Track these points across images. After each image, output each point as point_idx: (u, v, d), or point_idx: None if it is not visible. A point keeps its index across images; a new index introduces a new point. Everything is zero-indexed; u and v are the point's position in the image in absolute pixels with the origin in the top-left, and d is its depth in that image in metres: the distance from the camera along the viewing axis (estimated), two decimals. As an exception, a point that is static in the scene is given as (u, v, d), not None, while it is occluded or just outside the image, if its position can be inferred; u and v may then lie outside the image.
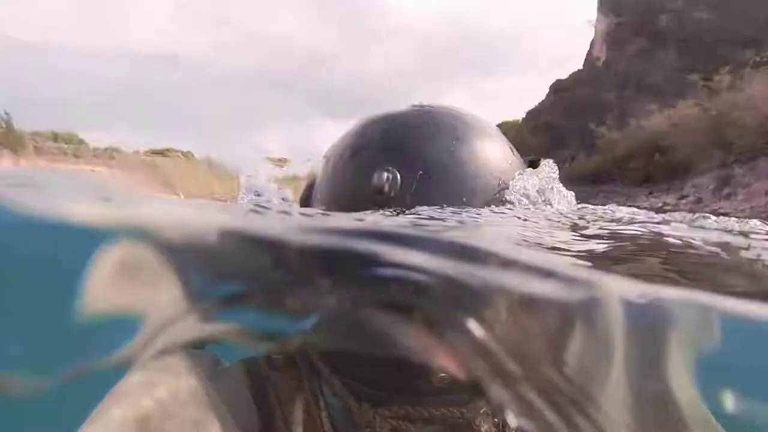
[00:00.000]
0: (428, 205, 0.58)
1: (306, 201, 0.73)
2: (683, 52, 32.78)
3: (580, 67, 42.74)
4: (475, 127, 0.67)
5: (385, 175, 0.56)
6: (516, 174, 0.66)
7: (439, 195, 0.59)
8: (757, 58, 20.23)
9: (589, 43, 42.92)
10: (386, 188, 0.56)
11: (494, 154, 0.66)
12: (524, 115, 43.11)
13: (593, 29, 41.83)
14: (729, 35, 30.01)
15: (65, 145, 38.41)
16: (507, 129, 43.20)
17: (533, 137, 38.36)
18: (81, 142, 46.05)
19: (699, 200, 16.78)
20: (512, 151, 0.69)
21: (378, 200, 0.58)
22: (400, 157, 0.60)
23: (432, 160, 0.60)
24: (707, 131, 19.24)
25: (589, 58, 41.78)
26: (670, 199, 18.27)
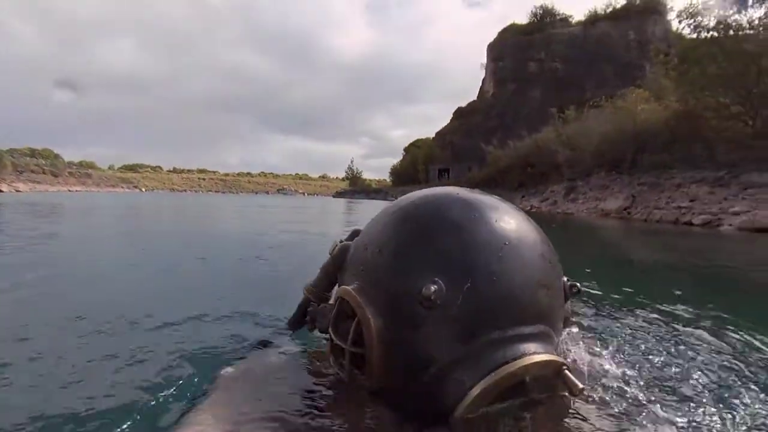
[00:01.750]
0: (473, 314, 0.50)
1: (339, 261, 0.67)
2: (545, 91, 33.36)
3: (475, 98, 42.72)
4: (523, 230, 0.58)
5: (433, 288, 0.49)
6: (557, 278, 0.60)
7: (486, 306, 0.51)
8: (592, 101, 21.09)
9: (481, 81, 43.04)
10: (434, 298, 0.49)
11: (540, 260, 0.57)
12: (434, 135, 42.84)
13: (484, 70, 41.98)
14: (575, 81, 31.00)
15: (42, 160, 35.16)
16: (421, 144, 44.13)
17: (441, 152, 38.75)
18: (56, 156, 42.35)
19: (555, 202, 16.67)
20: (549, 244, 0.60)
21: (425, 306, 0.50)
22: (448, 266, 0.52)
23: (480, 270, 0.51)
24: (560, 153, 19.58)
25: (481, 92, 42.00)
26: (535, 201, 18.23)
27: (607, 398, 0.69)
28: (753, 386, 0.97)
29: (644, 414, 0.67)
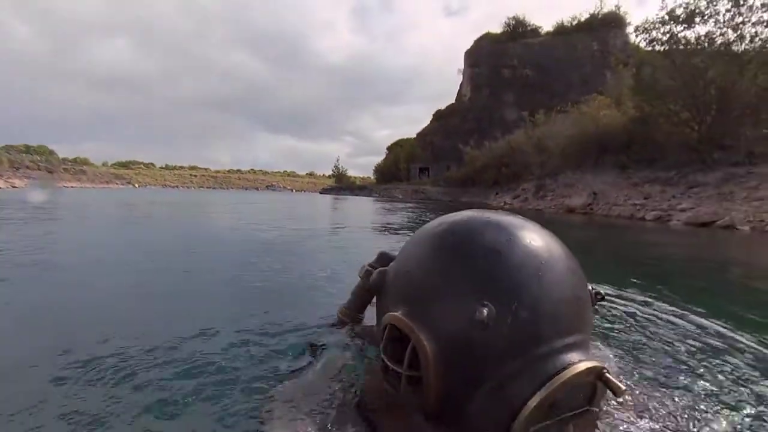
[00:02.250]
0: (521, 332, 0.51)
1: (378, 286, 0.66)
2: (517, 96, 33.55)
3: (453, 101, 42.33)
4: (553, 247, 0.58)
5: (485, 311, 0.49)
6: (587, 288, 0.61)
7: (532, 322, 0.52)
8: (559, 107, 21.52)
9: (459, 85, 42.79)
10: (486, 321, 0.49)
11: (571, 274, 0.58)
12: (415, 135, 42.54)
13: (461, 75, 41.85)
14: (545, 87, 31.26)
15: (38, 157, 33.93)
16: (404, 144, 44.02)
17: (422, 152, 38.69)
18: (51, 153, 40.70)
19: (526, 199, 16.99)
20: (574, 258, 0.61)
21: (478, 328, 0.50)
22: (494, 289, 0.52)
23: (523, 289, 0.52)
24: (530, 153, 20.00)
25: (459, 96, 41.69)
26: (508, 198, 18.53)
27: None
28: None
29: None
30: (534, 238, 0.57)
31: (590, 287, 0.62)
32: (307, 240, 4.51)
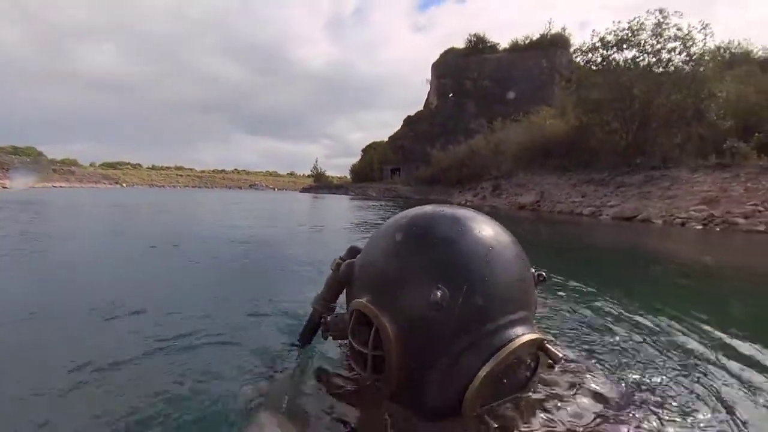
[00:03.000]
0: (472, 311, 0.52)
1: (347, 277, 0.66)
2: (478, 105, 33.96)
3: (422, 108, 41.91)
4: (500, 236, 0.59)
5: (439, 293, 0.50)
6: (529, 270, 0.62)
7: (481, 302, 0.52)
8: (513, 116, 22.17)
9: (426, 94, 42.19)
10: (440, 302, 0.50)
11: (516, 258, 0.59)
12: (387, 139, 42.18)
13: (429, 85, 41.59)
14: (501, 98, 30.80)
15: (26, 158, 31.72)
16: (377, 147, 43.75)
17: (393, 154, 38.47)
18: (40, 154, 37.73)
19: (484, 197, 17.02)
20: (518, 245, 0.62)
21: (433, 309, 0.51)
22: (448, 274, 0.53)
23: (473, 273, 0.53)
24: (488, 156, 20.49)
25: (427, 104, 41.38)
26: (469, 196, 18.46)
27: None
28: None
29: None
30: (483, 228, 0.59)
31: (533, 270, 0.64)
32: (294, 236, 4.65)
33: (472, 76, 36.23)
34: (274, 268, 2.59)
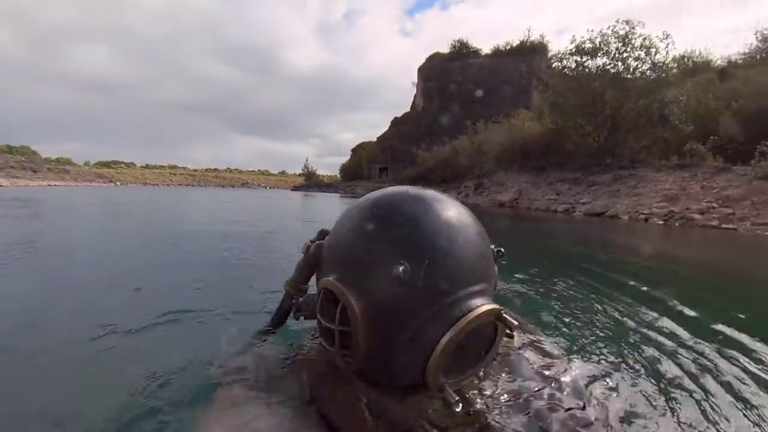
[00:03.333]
0: (433, 285, 0.52)
1: (315, 258, 0.65)
2: (462, 107, 33.82)
3: (409, 110, 42.10)
4: (461, 215, 0.59)
5: (401, 269, 0.50)
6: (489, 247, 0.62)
7: (442, 276, 0.52)
8: (494, 118, 22.11)
9: (413, 96, 42.53)
10: (402, 277, 0.50)
11: (476, 235, 0.58)
12: (376, 139, 42.18)
13: (415, 88, 41.68)
14: (484, 101, 31.73)
15: (21, 157, 30.53)
16: (366, 147, 43.59)
17: (381, 154, 38.38)
18: (34, 153, 36.63)
19: (467, 195, 17.14)
20: (479, 223, 0.61)
21: (396, 284, 0.51)
22: (410, 250, 0.53)
23: (434, 250, 0.53)
24: (471, 156, 20.64)
25: (413, 106, 41.56)
26: (453, 194, 16.54)
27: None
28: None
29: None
30: (446, 207, 0.58)
31: (493, 246, 0.63)
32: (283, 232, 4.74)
33: (456, 80, 36.44)
34: (266, 258, 2.64)
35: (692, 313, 1.52)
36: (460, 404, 0.51)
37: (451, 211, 0.59)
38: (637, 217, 8.80)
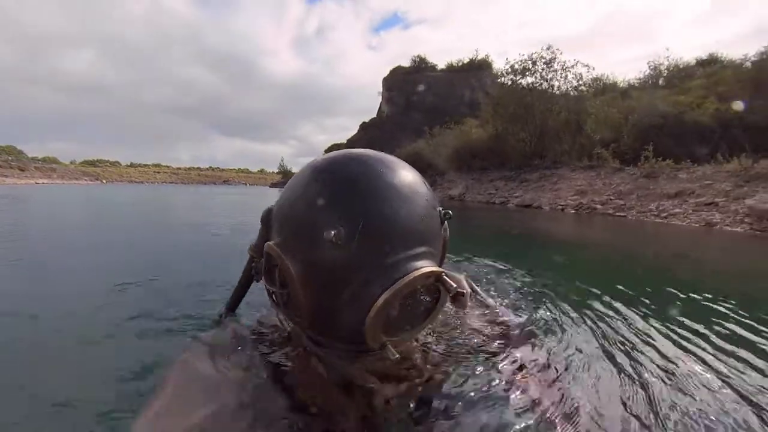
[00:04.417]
0: (369, 247, 0.46)
1: (265, 222, 0.59)
2: (422, 115, 33.34)
3: (375, 116, 41.32)
4: (405, 176, 0.52)
5: (333, 232, 0.45)
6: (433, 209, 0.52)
7: (380, 238, 0.47)
8: (447, 125, 22.20)
9: (379, 104, 41.72)
10: (335, 240, 0.45)
11: (418, 196, 0.51)
12: (346, 141, 40.20)
13: (381, 96, 41.02)
14: (440, 110, 31.90)
15: (8, 156, 26.95)
16: (338, 148, 41.89)
17: None
18: (20, 153, 33.40)
19: None
20: (426, 185, 0.54)
21: (331, 247, 0.46)
22: (344, 213, 0.47)
23: (371, 212, 0.47)
24: (429, 157, 20.01)
25: (379, 112, 40.96)
26: None
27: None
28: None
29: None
30: (389, 169, 0.52)
31: (440, 208, 0.56)
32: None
33: (416, 91, 36.54)
34: (240, 249, 2.72)
35: (587, 277, 1.91)
36: (400, 359, 0.49)
37: (395, 172, 0.52)
38: (556, 207, 9.32)
